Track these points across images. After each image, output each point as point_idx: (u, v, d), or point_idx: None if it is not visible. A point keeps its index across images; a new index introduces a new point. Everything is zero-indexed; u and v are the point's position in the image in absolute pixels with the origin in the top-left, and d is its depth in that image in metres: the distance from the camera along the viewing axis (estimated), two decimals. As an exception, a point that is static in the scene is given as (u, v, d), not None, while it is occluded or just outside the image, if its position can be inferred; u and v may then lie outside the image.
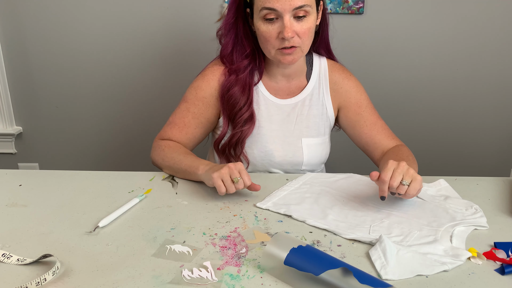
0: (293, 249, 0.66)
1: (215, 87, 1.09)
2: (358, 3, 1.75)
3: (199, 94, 1.10)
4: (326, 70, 1.14)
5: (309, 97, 1.13)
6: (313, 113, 1.13)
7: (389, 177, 0.83)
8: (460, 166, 1.99)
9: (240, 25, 1.06)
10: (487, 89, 1.87)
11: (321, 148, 1.14)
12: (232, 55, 1.07)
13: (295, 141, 1.11)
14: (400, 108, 1.90)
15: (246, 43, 1.06)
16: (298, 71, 1.11)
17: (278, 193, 0.97)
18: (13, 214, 0.87)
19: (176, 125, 1.11)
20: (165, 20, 1.83)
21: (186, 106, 1.11)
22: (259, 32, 1.01)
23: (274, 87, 1.12)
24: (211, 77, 1.09)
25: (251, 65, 1.08)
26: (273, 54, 1.02)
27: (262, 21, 0.99)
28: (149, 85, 1.94)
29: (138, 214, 0.87)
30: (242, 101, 1.07)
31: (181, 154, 1.04)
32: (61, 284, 0.66)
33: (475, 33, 1.80)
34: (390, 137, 1.13)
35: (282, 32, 0.96)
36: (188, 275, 0.67)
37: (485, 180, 1.05)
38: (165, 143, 1.10)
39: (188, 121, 1.10)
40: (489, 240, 0.79)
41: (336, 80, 1.13)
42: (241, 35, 1.06)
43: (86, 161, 2.08)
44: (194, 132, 1.12)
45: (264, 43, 1.01)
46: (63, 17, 1.84)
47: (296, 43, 0.99)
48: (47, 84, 1.95)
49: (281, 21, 0.97)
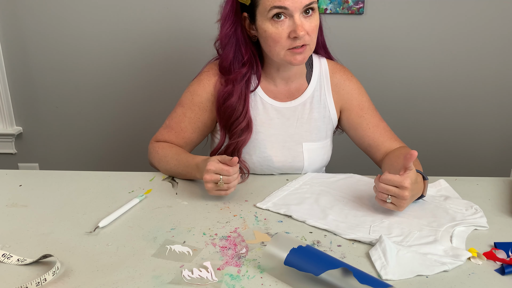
0: (293, 249, 0.66)
1: (211, 92, 1.08)
2: (358, 3, 1.75)
3: (195, 99, 1.09)
4: (327, 71, 1.12)
5: (310, 100, 1.10)
6: (314, 116, 1.10)
7: (383, 190, 0.84)
8: (460, 166, 1.99)
9: (239, 33, 1.02)
10: (487, 89, 1.87)
11: (323, 152, 1.13)
12: (231, 65, 1.04)
13: (295, 145, 1.10)
14: (400, 108, 1.90)
15: (244, 50, 1.03)
16: (298, 73, 1.09)
17: (278, 193, 0.97)
18: (13, 214, 0.87)
19: (172, 130, 1.11)
20: (165, 21, 1.83)
21: (183, 111, 1.10)
22: (266, 34, 0.96)
23: (273, 90, 1.10)
24: (207, 83, 1.08)
25: (248, 74, 1.05)
26: (282, 56, 0.98)
27: (270, 22, 0.95)
28: (149, 85, 1.94)
29: (138, 214, 0.87)
30: (238, 111, 1.05)
31: (176, 155, 1.06)
32: (61, 284, 0.66)
33: (475, 33, 1.80)
34: (393, 138, 1.12)
35: (295, 31, 0.93)
36: (188, 275, 0.67)
37: (485, 180, 1.05)
38: (161, 145, 1.11)
39: (185, 126, 1.10)
40: (489, 240, 0.79)
41: (337, 82, 1.12)
42: (240, 43, 1.03)
43: (86, 161, 2.08)
44: (191, 136, 1.12)
45: (272, 45, 0.97)
46: (63, 17, 1.84)
47: (307, 41, 0.96)
48: (47, 84, 1.95)
49: (291, 20, 0.94)
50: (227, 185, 0.90)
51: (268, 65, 1.08)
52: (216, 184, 0.90)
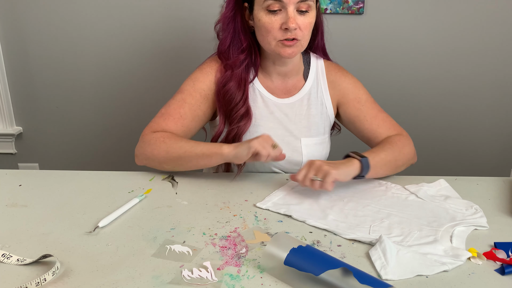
0: (293, 249, 0.66)
1: (213, 80, 1.09)
2: (358, 3, 1.75)
3: (196, 85, 1.08)
4: (323, 69, 1.15)
5: (307, 96, 1.13)
6: (312, 112, 1.13)
7: (301, 176, 0.92)
8: (460, 166, 1.99)
9: (238, 19, 1.05)
10: (487, 89, 1.87)
11: (321, 148, 1.14)
12: (229, 50, 1.07)
13: (293, 140, 1.11)
14: (400, 108, 1.90)
15: (243, 37, 1.06)
16: (294, 70, 1.12)
17: (278, 193, 0.97)
18: (13, 214, 0.87)
19: (170, 116, 1.05)
20: (166, 21, 1.83)
21: (182, 97, 1.07)
22: (260, 23, 1.00)
23: (270, 85, 1.12)
24: (209, 70, 1.09)
25: (247, 60, 1.08)
26: (273, 46, 1.01)
27: (265, 12, 0.99)
28: (149, 85, 1.94)
29: (138, 214, 0.87)
30: (238, 97, 1.06)
31: (189, 142, 1.00)
32: (61, 284, 0.66)
33: (475, 33, 1.80)
34: (392, 128, 1.12)
35: (286, 23, 0.97)
36: (188, 275, 0.67)
37: (485, 180, 1.05)
38: (163, 134, 1.02)
39: (185, 112, 1.06)
40: (489, 240, 0.78)
41: (333, 78, 1.14)
42: (239, 29, 1.06)
43: (86, 161, 2.08)
44: (190, 125, 1.07)
45: (265, 34, 1.00)
46: (63, 17, 1.84)
47: (298, 35, 0.99)
48: (47, 84, 1.96)
49: (285, 13, 0.98)
50: (274, 151, 0.93)
51: (264, 59, 1.10)
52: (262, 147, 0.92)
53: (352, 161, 0.95)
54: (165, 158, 1.00)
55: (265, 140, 0.93)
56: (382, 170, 1.01)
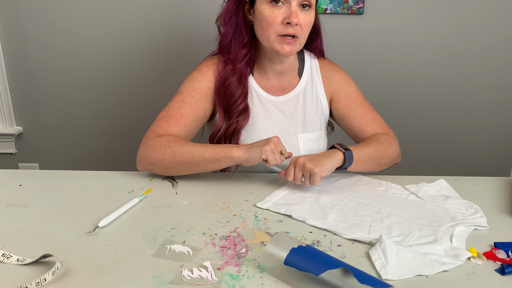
0: (293, 249, 0.66)
1: (211, 79, 1.09)
2: (358, 3, 1.75)
3: (195, 85, 1.08)
4: (317, 65, 1.16)
5: (303, 93, 1.14)
6: (308, 108, 1.14)
7: (291, 177, 0.95)
8: (460, 166, 1.99)
9: (240, 13, 1.05)
10: (487, 89, 1.87)
11: (318, 143, 1.15)
12: (231, 44, 1.07)
13: (290, 137, 1.12)
14: (400, 108, 1.90)
15: (244, 32, 1.06)
16: (290, 68, 1.13)
17: (278, 193, 0.97)
18: (13, 214, 0.87)
19: (172, 118, 1.04)
20: (166, 21, 1.83)
21: (182, 98, 1.07)
22: (262, 16, 1.00)
23: (266, 84, 1.13)
24: (206, 70, 1.10)
25: (248, 56, 1.08)
26: (272, 41, 1.00)
27: (268, 5, 0.99)
28: (149, 85, 1.94)
29: (138, 214, 0.87)
30: (238, 92, 1.07)
31: (195, 145, 0.97)
32: (61, 284, 0.66)
33: (475, 33, 1.80)
34: (379, 128, 1.13)
35: (289, 17, 0.97)
36: (188, 275, 0.67)
37: (485, 180, 1.05)
38: (167, 138, 1.00)
39: (185, 112, 1.06)
40: (489, 240, 0.78)
41: (326, 74, 1.16)
42: (241, 23, 1.06)
43: (86, 161, 2.08)
44: (191, 125, 1.06)
45: (265, 27, 1.00)
46: (63, 17, 1.84)
47: (298, 32, 1.00)
48: (47, 84, 1.96)
49: (287, 7, 0.98)
50: (282, 158, 0.94)
51: (261, 56, 1.10)
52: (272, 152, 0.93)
53: (335, 153, 0.98)
54: (171, 163, 0.98)
55: (276, 146, 0.93)
56: (365, 165, 1.03)
